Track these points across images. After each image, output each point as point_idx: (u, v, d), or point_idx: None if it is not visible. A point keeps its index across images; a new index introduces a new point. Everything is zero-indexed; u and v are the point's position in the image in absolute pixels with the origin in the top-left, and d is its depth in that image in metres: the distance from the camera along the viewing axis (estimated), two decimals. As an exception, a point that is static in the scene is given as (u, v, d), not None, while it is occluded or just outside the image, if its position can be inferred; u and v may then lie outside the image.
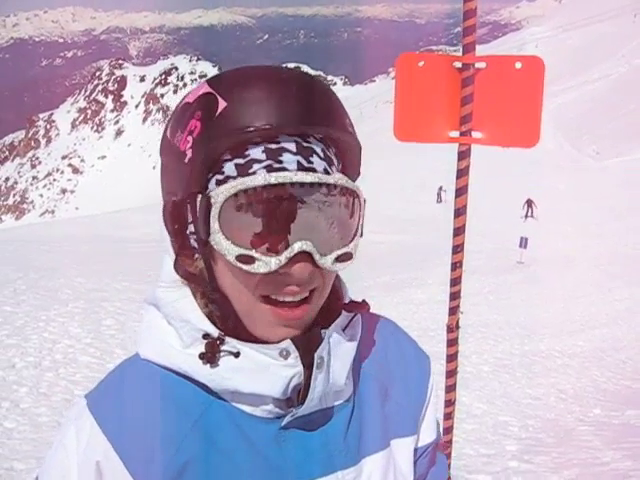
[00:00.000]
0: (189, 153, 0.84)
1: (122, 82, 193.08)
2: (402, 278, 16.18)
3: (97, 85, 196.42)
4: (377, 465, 0.99)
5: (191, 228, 0.87)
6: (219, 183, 0.84)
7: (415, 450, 1.08)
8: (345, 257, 0.89)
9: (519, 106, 1.92)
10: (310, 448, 0.93)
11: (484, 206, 29.79)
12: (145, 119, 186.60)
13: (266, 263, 0.82)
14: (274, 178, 0.80)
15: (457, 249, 2.01)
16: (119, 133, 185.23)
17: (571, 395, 7.97)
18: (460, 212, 1.99)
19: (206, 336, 0.89)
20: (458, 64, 1.93)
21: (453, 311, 2.05)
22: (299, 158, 0.84)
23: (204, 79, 0.91)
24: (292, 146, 0.84)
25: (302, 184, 0.82)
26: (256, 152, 0.83)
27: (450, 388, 2.24)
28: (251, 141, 0.83)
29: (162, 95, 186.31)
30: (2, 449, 5.01)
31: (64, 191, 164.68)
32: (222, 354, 0.88)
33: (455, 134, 1.98)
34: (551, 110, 67.61)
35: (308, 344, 0.90)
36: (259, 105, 0.83)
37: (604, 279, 17.53)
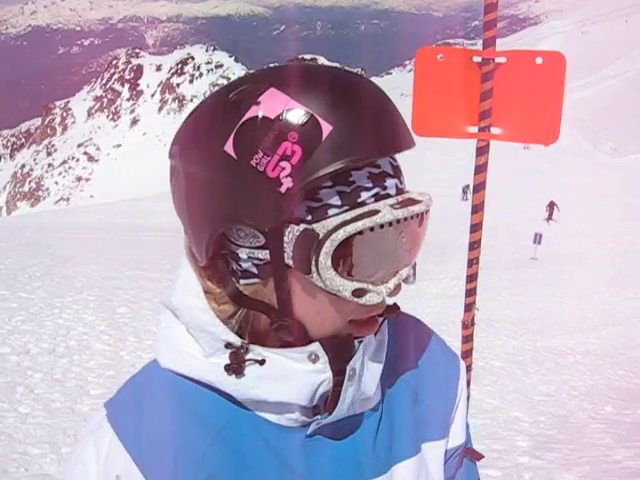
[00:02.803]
0: (286, 182, 0.75)
1: (138, 71, 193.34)
2: (416, 272, 16.15)
3: (113, 74, 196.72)
4: (408, 471, 0.96)
5: (257, 254, 0.81)
6: (314, 211, 0.77)
7: (445, 452, 1.05)
8: (414, 267, 0.88)
9: (539, 102, 1.89)
10: (338, 457, 0.90)
11: (498, 202, 29.66)
12: (161, 108, 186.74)
13: (378, 293, 0.80)
14: (401, 213, 0.77)
15: (474, 245, 1.99)
16: (135, 122, 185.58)
17: (583, 392, 7.95)
18: (478, 208, 1.97)
19: (228, 345, 0.85)
20: (478, 58, 1.91)
21: (469, 307, 2.03)
22: (396, 181, 0.82)
23: (260, 80, 0.80)
24: (389, 168, 0.81)
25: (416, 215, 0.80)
26: (361, 178, 0.78)
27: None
28: (354, 166, 0.77)
29: (178, 85, 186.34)
30: (17, 433, 5.07)
31: (79, 179, 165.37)
32: (247, 363, 0.85)
33: (474, 130, 1.96)
34: (568, 106, 67.08)
35: (337, 349, 0.86)
36: (366, 129, 0.77)
37: (618, 277, 17.45)
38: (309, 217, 0.77)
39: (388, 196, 0.80)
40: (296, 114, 0.76)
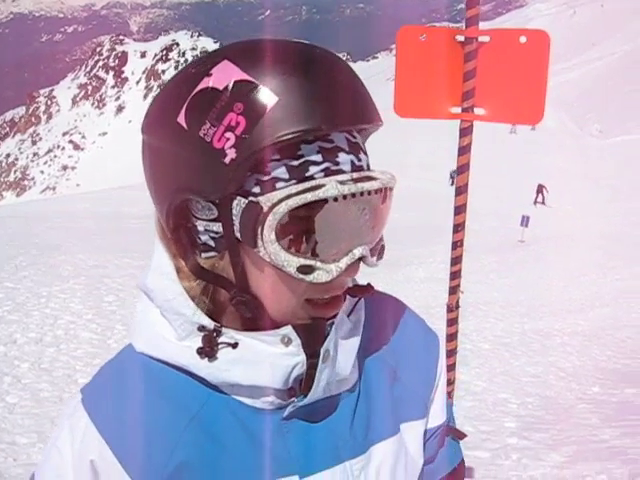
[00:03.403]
0: (230, 153, 0.75)
1: (123, 58, 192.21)
2: (403, 255, 16.15)
3: (98, 61, 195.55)
4: (387, 451, 0.95)
5: (212, 227, 0.81)
6: (263, 185, 0.77)
7: (424, 432, 1.04)
8: (382, 250, 0.87)
9: (523, 82, 1.88)
10: (314, 439, 0.89)
11: (485, 185, 29.73)
12: (146, 95, 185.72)
13: (327, 272, 0.78)
14: (347, 188, 0.75)
15: (458, 228, 1.98)
16: (120, 109, 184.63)
17: (570, 373, 7.99)
18: (461, 190, 1.96)
19: (201, 328, 0.85)
20: (461, 37, 1.89)
21: (453, 290, 2.03)
22: (352, 157, 0.80)
23: (217, 53, 0.81)
24: (344, 144, 0.79)
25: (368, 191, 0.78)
26: (310, 152, 0.77)
27: (450, 367, 2.23)
28: (304, 139, 0.76)
29: (163, 71, 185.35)
30: (4, 423, 5.05)
31: (65, 167, 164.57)
32: (220, 346, 0.84)
33: (457, 110, 1.94)
34: (554, 88, 67.16)
35: (311, 332, 0.85)
36: (315, 101, 0.76)
37: (605, 258, 17.53)
38: (257, 190, 0.77)
39: (340, 172, 0.78)
40: (243, 85, 0.76)
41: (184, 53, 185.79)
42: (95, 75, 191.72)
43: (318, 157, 0.77)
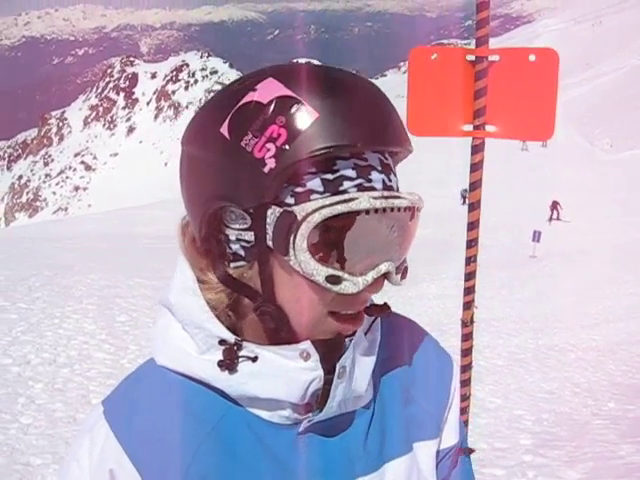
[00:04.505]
0: (270, 163, 0.78)
1: (133, 79, 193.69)
2: (416, 272, 16.14)
3: (108, 82, 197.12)
4: (400, 469, 0.97)
5: (244, 236, 0.84)
6: (298, 196, 0.80)
7: (437, 452, 1.06)
8: (405, 271, 0.90)
9: (533, 99, 1.90)
10: (329, 454, 0.91)
11: (497, 200, 29.68)
12: (157, 116, 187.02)
13: (354, 284, 0.81)
14: (379, 203, 0.79)
15: (471, 243, 2.00)
16: (131, 130, 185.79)
17: (585, 389, 7.94)
18: (474, 206, 1.98)
19: (222, 342, 0.87)
20: (471, 57, 1.92)
21: (467, 306, 2.04)
22: (383, 176, 0.83)
23: (262, 72, 0.85)
24: (377, 163, 0.83)
25: (397, 208, 0.81)
26: (346, 168, 0.80)
27: (465, 383, 2.24)
28: (340, 156, 0.80)
29: (173, 92, 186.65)
30: (19, 444, 5.05)
31: (77, 188, 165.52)
32: (240, 360, 0.86)
33: (469, 128, 1.97)
34: (563, 103, 67.16)
35: (329, 348, 0.88)
36: (352, 119, 0.80)
37: (618, 273, 17.44)
38: (292, 201, 0.80)
39: (372, 189, 0.82)
40: (286, 101, 0.80)
41: (194, 73, 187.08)
42: (106, 96, 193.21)
43: (352, 173, 0.81)
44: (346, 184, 0.80)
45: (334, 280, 0.80)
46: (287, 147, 0.78)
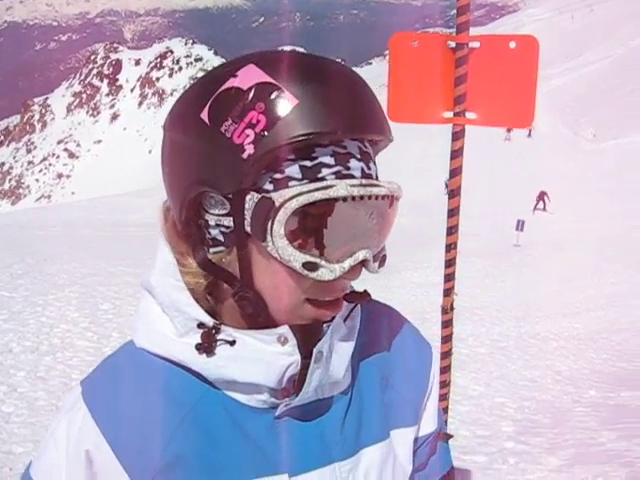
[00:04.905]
0: (249, 149, 0.79)
1: (117, 66, 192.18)
2: (399, 261, 16.17)
3: (92, 69, 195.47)
4: (375, 456, 0.98)
5: (223, 221, 0.84)
6: (277, 182, 0.81)
7: (415, 439, 1.07)
8: (384, 259, 0.90)
9: (513, 86, 1.90)
10: (305, 439, 0.92)
11: (480, 189, 29.80)
12: (141, 103, 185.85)
13: (331, 270, 0.81)
14: (356, 190, 0.79)
15: (451, 230, 2.00)
16: (115, 117, 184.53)
17: (567, 377, 8.01)
18: (454, 193, 1.98)
19: (201, 325, 0.87)
20: (452, 44, 1.92)
21: (448, 293, 2.05)
22: (362, 164, 0.84)
23: (244, 59, 0.85)
24: (356, 151, 0.83)
25: (375, 196, 0.82)
26: (324, 155, 0.81)
27: (444, 369, 2.25)
28: (319, 143, 0.80)
29: (157, 79, 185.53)
30: (0, 433, 5.04)
31: (60, 176, 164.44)
32: (218, 343, 0.87)
33: (449, 115, 1.97)
34: (548, 93, 67.37)
35: (307, 334, 0.88)
36: (332, 107, 0.80)
37: (600, 262, 17.57)
38: (270, 187, 0.81)
39: (351, 176, 0.82)
40: (266, 87, 0.80)
41: (178, 60, 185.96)
42: (89, 83, 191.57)
43: (331, 160, 0.81)
44: (324, 171, 0.80)
45: (311, 267, 0.80)
46: (266, 133, 0.78)
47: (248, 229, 0.81)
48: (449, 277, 2.04)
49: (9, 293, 8.84)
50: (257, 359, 0.86)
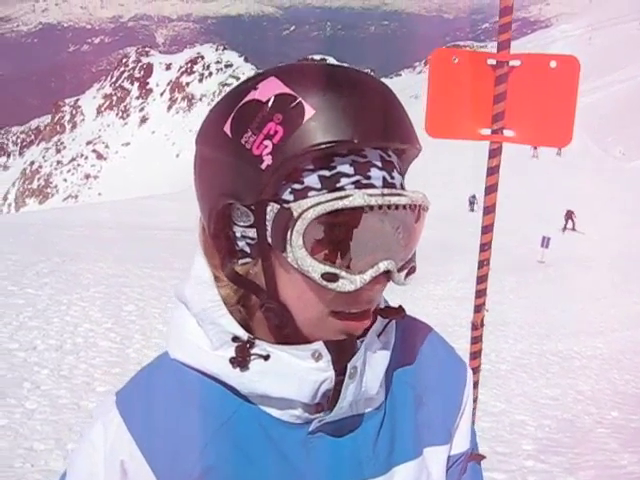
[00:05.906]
0: (267, 159, 0.79)
1: (148, 69, 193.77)
2: (422, 273, 16.07)
3: (123, 72, 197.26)
4: (408, 474, 0.96)
5: (248, 233, 0.85)
6: (296, 193, 0.80)
7: (448, 458, 1.05)
8: (412, 270, 0.89)
9: (552, 105, 1.90)
10: (338, 455, 0.91)
11: (507, 205, 29.59)
12: (170, 107, 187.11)
13: (351, 282, 0.80)
14: (374, 200, 0.78)
15: (485, 247, 2.00)
16: (144, 120, 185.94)
17: (589, 397, 7.92)
18: (489, 210, 1.98)
19: (235, 339, 0.88)
20: (492, 61, 1.92)
21: (478, 308, 2.04)
22: (384, 173, 0.83)
23: (266, 72, 0.86)
24: (378, 160, 0.82)
25: (395, 205, 0.81)
26: (343, 165, 0.80)
27: (473, 385, 2.24)
28: (338, 152, 0.80)
29: (187, 84, 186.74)
30: (23, 429, 5.08)
31: (88, 176, 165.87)
32: (252, 357, 0.87)
33: (487, 132, 1.97)
34: (578, 110, 66.68)
35: (341, 350, 0.87)
36: (350, 116, 0.80)
37: (625, 281, 17.38)
38: (290, 198, 0.81)
39: (371, 186, 0.81)
40: (284, 98, 0.81)
41: (209, 66, 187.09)
42: (120, 86, 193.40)
43: (350, 170, 0.80)
44: (343, 181, 0.80)
45: (330, 277, 0.80)
46: (283, 144, 0.79)
47: (270, 240, 0.82)
48: (480, 293, 2.03)
49: (35, 291, 8.93)
50: (291, 374, 0.86)
